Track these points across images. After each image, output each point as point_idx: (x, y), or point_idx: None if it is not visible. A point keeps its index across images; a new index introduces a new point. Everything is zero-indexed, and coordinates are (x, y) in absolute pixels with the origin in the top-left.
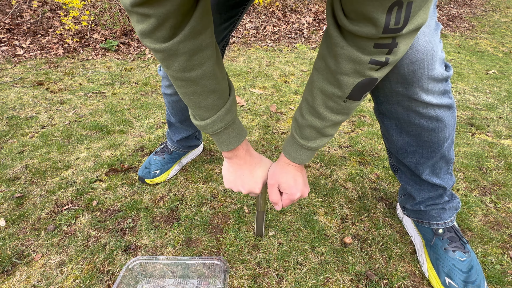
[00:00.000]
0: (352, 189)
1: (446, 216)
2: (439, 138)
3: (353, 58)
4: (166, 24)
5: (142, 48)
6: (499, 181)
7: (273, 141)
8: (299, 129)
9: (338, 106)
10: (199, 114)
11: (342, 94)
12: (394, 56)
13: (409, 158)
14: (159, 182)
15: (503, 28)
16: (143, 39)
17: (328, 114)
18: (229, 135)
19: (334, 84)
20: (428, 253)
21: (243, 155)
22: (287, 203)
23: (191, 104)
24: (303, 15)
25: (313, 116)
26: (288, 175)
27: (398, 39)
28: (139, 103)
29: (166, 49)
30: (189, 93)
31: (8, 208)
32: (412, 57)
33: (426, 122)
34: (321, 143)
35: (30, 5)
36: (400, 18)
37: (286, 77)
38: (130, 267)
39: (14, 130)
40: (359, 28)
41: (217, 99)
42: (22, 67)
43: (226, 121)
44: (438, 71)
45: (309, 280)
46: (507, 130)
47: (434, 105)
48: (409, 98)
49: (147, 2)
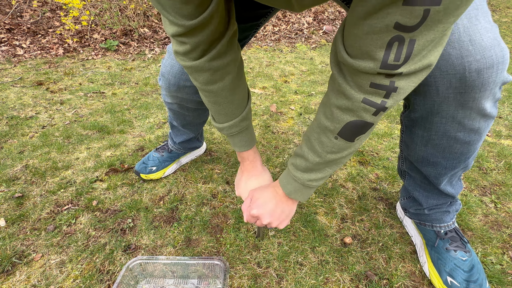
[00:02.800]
0: (352, 189)
1: (449, 219)
2: (470, 150)
3: (348, 94)
4: (197, 49)
5: (142, 48)
6: (499, 181)
7: (273, 141)
8: (294, 156)
9: (329, 142)
10: (218, 118)
11: (333, 128)
12: (392, 101)
13: (429, 168)
14: (154, 179)
15: (503, 28)
16: (177, 57)
17: (319, 149)
18: (242, 139)
19: (328, 117)
20: (429, 253)
21: (247, 163)
22: (247, 217)
23: (213, 110)
24: (303, 15)
25: (307, 148)
26: (265, 195)
27: (397, 82)
28: (139, 103)
29: (194, 66)
30: (212, 102)
31: (8, 208)
32: (476, 53)
33: (463, 135)
34: (308, 177)
35: (30, 5)
36: (401, 55)
37: (286, 77)
38: (130, 267)
39: (14, 130)
40: (359, 63)
41: (235, 108)
42: (22, 67)
43: (241, 126)
44: (505, 73)
45: (309, 280)
46: (507, 130)
47: (484, 115)
48: (459, 106)
49: (184, 34)
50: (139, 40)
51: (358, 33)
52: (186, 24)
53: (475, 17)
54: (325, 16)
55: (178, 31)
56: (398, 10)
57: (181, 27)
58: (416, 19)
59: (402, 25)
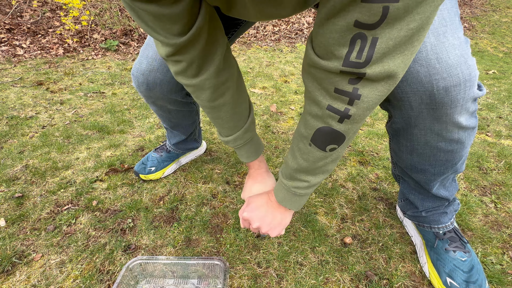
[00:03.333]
0: (352, 189)
1: (447, 219)
2: (455, 158)
3: (315, 100)
4: (193, 65)
5: None
6: (499, 181)
7: (273, 141)
8: (283, 162)
9: (305, 148)
10: (223, 132)
11: (307, 134)
12: (356, 109)
13: (418, 175)
14: (154, 179)
15: (503, 28)
16: (177, 77)
17: (298, 155)
18: (248, 150)
19: (304, 123)
20: (428, 254)
21: (253, 170)
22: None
23: (217, 124)
24: (303, 15)
25: (290, 155)
26: (258, 200)
27: (361, 89)
28: (139, 103)
29: (196, 84)
30: (215, 117)
31: (8, 208)
32: (443, 72)
33: (445, 145)
34: (293, 184)
35: (30, 5)
36: (363, 53)
37: (286, 77)
38: (130, 267)
39: (14, 130)
40: (325, 63)
41: (237, 121)
42: (22, 67)
43: (245, 138)
44: (474, 90)
45: (309, 280)
46: (507, 130)
47: (460, 127)
48: (433, 120)
49: (177, 52)
50: (139, 40)
51: (324, 33)
52: (178, 42)
53: (443, 34)
54: None
55: (171, 50)
56: (357, 8)
57: (173, 46)
58: (376, 17)
59: (362, 23)
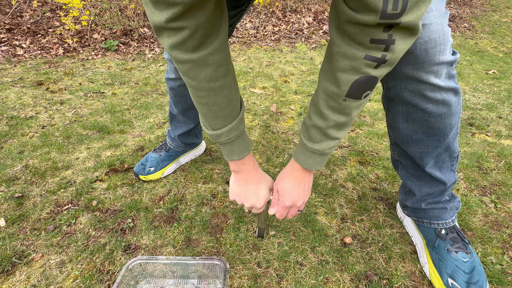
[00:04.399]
0: (352, 189)
1: (448, 216)
2: (445, 125)
3: (348, 54)
4: (197, 34)
5: (142, 48)
6: (499, 181)
7: (273, 141)
8: (306, 130)
9: (338, 105)
10: (215, 124)
11: (340, 92)
12: (391, 54)
13: (414, 147)
14: (154, 180)
15: (503, 28)
16: (173, 51)
17: (329, 113)
18: (241, 144)
19: (333, 82)
20: (429, 254)
21: (249, 169)
22: (280, 211)
23: (210, 114)
24: (303, 15)
25: (317, 116)
26: (287, 183)
27: (395, 35)
28: (139, 103)
29: (197, 59)
30: (210, 103)
31: (8, 208)
32: (425, 36)
33: (433, 107)
34: (326, 146)
35: (30, 5)
36: (398, 4)
37: (286, 77)
38: (130, 267)
39: (14, 130)
40: (361, 17)
41: (233, 109)
42: (22, 67)
43: (239, 130)
44: (448, 53)
45: (309, 280)
46: (507, 130)
47: (441, 88)
48: (418, 81)
49: (182, 15)
50: (139, 40)
51: None
52: (186, 0)
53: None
54: (325, 16)
55: (175, 12)
56: None
57: (179, 5)
58: None
59: None
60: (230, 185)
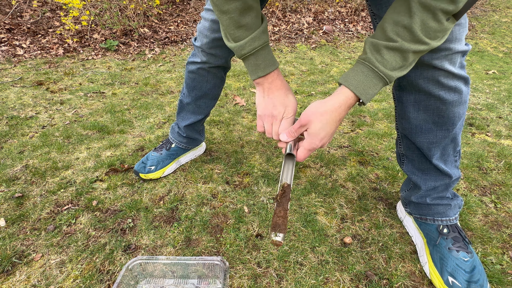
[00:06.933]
0: (352, 189)
1: (451, 213)
2: (455, 114)
3: None
4: None
5: (142, 48)
6: (499, 181)
7: (273, 141)
8: (378, 52)
9: (438, 26)
10: (238, 35)
11: (454, 8)
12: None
13: (422, 138)
14: (154, 178)
15: (503, 28)
16: None
17: (421, 36)
18: (266, 57)
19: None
20: (430, 253)
21: (278, 82)
22: (305, 154)
23: (232, 23)
24: (303, 15)
25: (403, 39)
26: (328, 123)
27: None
28: (139, 103)
29: None
30: (231, 10)
31: (8, 208)
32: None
33: (445, 94)
34: (398, 74)
35: (30, 5)
36: None
37: (286, 77)
38: (130, 267)
39: (14, 130)
40: None
41: (255, 17)
42: (22, 67)
43: (263, 40)
44: (463, 43)
45: (309, 280)
46: (507, 130)
47: (455, 75)
48: (433, 68)
49: None
50: (139, 40)
51: None
52: None
53: None
54: (325, 16)
55: None
56: None
57: None
58: None
59: None
60: (257, 101)
